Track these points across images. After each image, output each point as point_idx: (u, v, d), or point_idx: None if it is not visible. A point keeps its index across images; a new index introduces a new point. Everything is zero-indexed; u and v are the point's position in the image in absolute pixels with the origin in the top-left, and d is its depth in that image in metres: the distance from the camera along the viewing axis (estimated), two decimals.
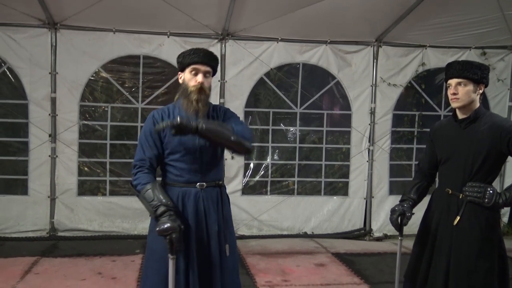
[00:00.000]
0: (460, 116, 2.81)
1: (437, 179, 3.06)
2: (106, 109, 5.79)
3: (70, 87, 5.58)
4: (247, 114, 6.02)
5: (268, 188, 6.15)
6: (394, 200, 3.11)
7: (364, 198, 6.29)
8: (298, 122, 6.19)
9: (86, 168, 5.82)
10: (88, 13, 5.16)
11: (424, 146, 3.18)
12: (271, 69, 5.99)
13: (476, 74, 2.71)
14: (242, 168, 5.97)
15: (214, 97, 5.72)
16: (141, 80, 5.80)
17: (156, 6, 5.09)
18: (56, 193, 5.66)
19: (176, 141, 2.56)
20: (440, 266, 2.77)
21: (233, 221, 2.86)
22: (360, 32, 5.93)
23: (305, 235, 6.13)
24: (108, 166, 5.82)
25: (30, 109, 5.53)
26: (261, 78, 5.99)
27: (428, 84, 6.33)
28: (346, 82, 6.13)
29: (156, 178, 2.60)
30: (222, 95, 5.82)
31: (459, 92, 2.73)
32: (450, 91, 2.79)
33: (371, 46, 6.11)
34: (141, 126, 5.71)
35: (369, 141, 6.23)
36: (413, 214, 2.97)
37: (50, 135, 5.57)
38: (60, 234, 5.66)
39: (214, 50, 5.64)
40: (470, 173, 2.72)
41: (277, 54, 5.96)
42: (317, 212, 6.22)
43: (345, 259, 5.24)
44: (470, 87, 2.72)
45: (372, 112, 6.18)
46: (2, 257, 4.88)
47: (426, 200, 3.07)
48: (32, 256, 4.95)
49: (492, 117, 2.77)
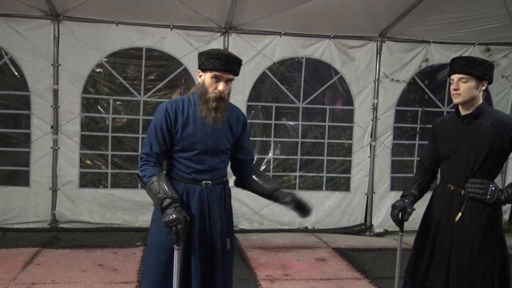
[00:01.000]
0: (463, 112, 2.79)
1: (439, 175, 3.06)
2: (109, 101, 5.78)
3: (72, 79, 5.57)
4: (249, 108, 6.01)
5: None
6: (396, 196, 3.11)
7: (366, 194, 6.29)
8: (300, 116, 6.17)
9: (87, 160, 5.83)
10: (91, 5, 5.15)
11: (427, 142, 3.17)
12: (274, 63, 5.97)
13: (478, 70, 2.69)
14: None
15: None
16: (143, 73, 5.79)
17: None
18: (57, 185, 5.67)
19: (188, 141, 2.56)
20: (441, 262, 2.77)
21: (234, 215, 2.88)
22: (364, 27, 5.91)
23: (306, 230, 6.14)
24: (109, 159, 5.82)
25: (32, 100, 5.53)
26: (264, 72, 5.97)
27: (431, 80, 6.32)
28: (349, 77, 6.11)
29: (162, 171, 2.59)
30: None
31: (460, 88, 2.72)
32: (452, 87, 2.78)
33: (375, 41, 6.09)
34: (143, 119, 5.76)
35: (371, 137, 6.22)
36: (414, 210, 2.97)
37: (52, 127, 5.57)
38: (61, 225, 5.68)
39: (216, 43, 5.69)
40: (472, 169, 2.72)
41: (280, 48, 5.94)
42: (318, 207, 6.21)
43: (346, 254, 5.24)
44: (472, 83, 2.70)
45: (375, 108, 6.17)
46: (4, 247, 4.90)
47: (427, 196, 3.07)
48: (34, 247, 4.96)
49: (495, 113, 2.76)
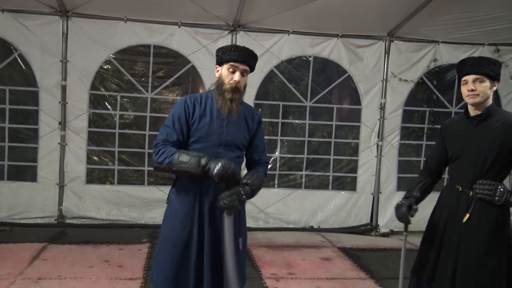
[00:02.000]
0: (472, 113, 2.77)
1: (447, 176, 3.04)
2: (116, 98, 5.80)
3: (80, 75, 5.60)
4: (256, 107, 6.00)
5: (276, 181, 6.15)
6: (402, 196, 3.10)
7: (372, 194, 6.27)
8: (307, 115, 6.16)
9: (94, 157, 5.86)
10: (100, 1, 5.18)
11: (434, 143, 3.16)
12: (282, 61, 5.96)
13: (493, 70, 2.67)
14: None
15: None
16: (151, 70, 5.80)
17: None
18: (64, 181, 5.69)
19: (204, 132, 2.56)
20: (448, 263, 2.76)
21: None
22: (372, 26, 5.88)
23: (311, 229, 6.13)
24: (116, 155, 5.84)
25: (40, 96, 5.56)
26: (272, 71, 5.97)
27: (440, 80, 6.28)
28: (357, 76, 6.09)
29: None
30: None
31: (477, 88, 2.67)
32: (467, 88, 2.72)
33: (383, 41, 6.06)
34: (150, 116, 5.77)
35: (378, 137, 6.19)
36: (417, 210, 2.95)
37: (60, 123, 5.60)
38: (68, 221, 5.71)
39: (224, 41, 5.69)
40: (481, 170, 2.70)
41: (288, 47, 5.93)
42: (324, 206, 6.21)
43: (351, 254, 5.23)
44: (487, 83, 2.68)
45: (382, 107, 6.14)
46: (11, 242, 4.94)
47: (435, 196, 3.05)
48: (40, 242, 4.99)
49: (505, 114, 2.73)
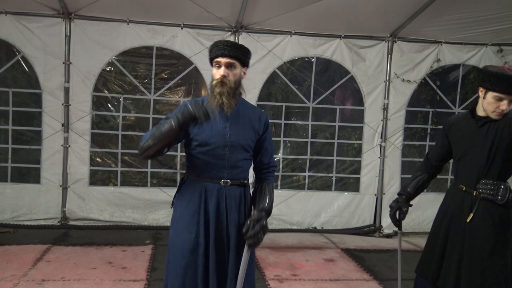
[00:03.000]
0: (480, 113, 2.76)
1: (451, 176, 3.05)
2: (119, 99, 5.81)
3: (83, 77, 5.60)
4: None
5: (279, 182, 6.15)
6: None
7: (375, 195, 6.26)
8: (310, 116, 6.15)
9: (98, 158, 5.86)
10: (102, 3, 5.18)
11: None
12: (284, 62, 5.96)
13: None
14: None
15: None
16: (153, 72, 5.81)
17: None
18: (68, 183, 5.70)
19: (206, 134, 2.52)
20: (453, 262, 2.76)
21: None
22: (375, 27, 5.88)
23: (314, 230, 6.12)
24: (119, 157, 5.85)
25: (43, 98, 5.57)
26: (274, 72, 5.96)
27: (443, 80, 6.26)
28: (360, 77, 6.08)
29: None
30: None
31: (510, 107, 2.62)
32: (499, 105, 2.62)
33: (386, 41, 6.06)
34: (153, 118, 5.78)
35: (381, 137, 6.18)
36: (411, 205, 3.06)
37: (63, 125, 5.61)
38: (71, 223, 5.72)
39: None
40: (485, 170, 2.70)
41: (291, 48, 5.93)
42: (327, 207, 6.20)
43: (355, 255, 5.22)
44: None
45: (385, 108, 6.13)
46: (14, 244, 4.95)
47: (440, 197, 3.06)
48: (44, 244, 5.00)
49: (509, 115, 2.72)
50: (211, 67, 2.60)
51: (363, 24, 5.78)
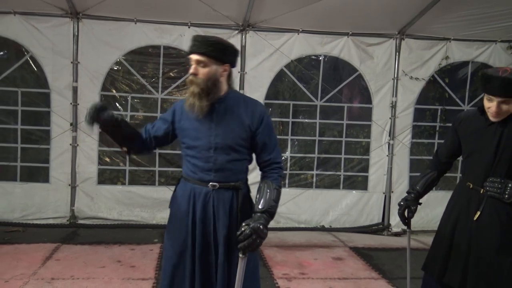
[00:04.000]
0: None
1: (460, 173, 3.03)
2: (127, 99, 5.82)
3: (91, 76, 5.63)
4: (267, 106, 5.98)
5: (287, 181, 6.13)
6: None
7: (383, 193, 6.23)
8: (318, 115, 6.13)
9: (106, 157, 5.88)
10: (110, 3, 5.19)
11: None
12: (292, 60, 5.94)
13: None
14: None
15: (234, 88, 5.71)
16: (161, 71, 5.81)
17: None
18: (76, 181, 5.73)
19: (192, 136, 2.47)
20: (459, 259, 2.75)
21: None
22: (383, 24, 5.84)
23: (322, 229, 6.11)
24: (127, 156, 5.86)
25: (52, 98, 5.60)
26: (281, 70, 5.95)
27: (452, 78, 6.21)
28: (368, 74, 6.05)
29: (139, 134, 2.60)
30: (241, 86, 5.80)
31: (503, 110, 2.60)
32: (491, 107, 2.62)
33: (394, 39, 6.02)
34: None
35: (389, 135, 6.15)
36: (420, 204, 3.04)
37: (71, 124, 5.64)
38: (80, 221, 5.75)
39: (234, 41, 5.69)
40: (492, 168, 2.68)
41: (298, 46, 5.90)
42: (336, 205, 6.18)
43: (363, 253, 5.20)
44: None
45: (393, 106, 6.10)
46: (24, 243, 4.98)
47: (448, 195, 3.05)
48: (53, 242, 5.03)
49: None
50: None
51: (370, 22, 5.74)
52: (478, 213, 2.70)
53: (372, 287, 4.28)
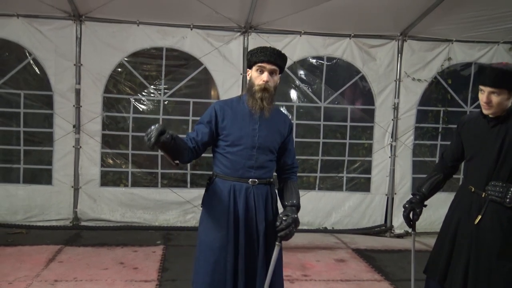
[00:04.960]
0: (491, 114, 2.73)
1: (462, 176, 3.01)
2: (129, 100, 5.83)
3: (94, 78, 5.64)
4: None
5: None
6: None
7: (386, 195, 6.22)
8: (322, 116, 6.11)
9: (109, 159, 5.89)
10: (113, 5, 5.21)
11: (449, 143, 3.14)
12: (294, 62, 5.94)
13: (510, 82, 2.59)
14: None
15: (236, 90, 5.73)
16: (163, 73, 5.82)
17: None
18: (79, 183, 5.74)
19: (236, 135, 2.63)
20: (460, 264, 2.73)
21: None
22: (385, 26, 5.84)
23: (325, 230, 6.10)
24: (130, 158, 5.87)
25: (55, 100, 5.61)
26: (284, 72, 5.93)
27: (454, 79, 6.20)
28: (370, 76, 6.05)
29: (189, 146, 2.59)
30: (244, 88, 5.81)
31: (493, 101, 2.62)
32: (482, 98, 2.67)
33: (396, 40, 6.02)
34: (163, 119, 5.81)
35: (392, 137, 6.14)
36: (425, 206, 3.02)
37: (74, 126, 5.65)
38: (83, 223, 5.76)
39: (236, 43, 5.72)
40: (494, 171, 2.66)
41: (300, 48, 5.91)
42: (338, 207, 6.18)
43: (366, 255, 5.19)
44: (504, 95, 2.60)
45: (396, 107, 6.09)
46: (27, 245, 4.99)
47: (451, 197, 3.03)
48: (56, 244, 5.03)
49: None
50: (249, 69, 2.70)
51: (373, 23, 5.75)
52: (479, 217, 2.68)
53: None
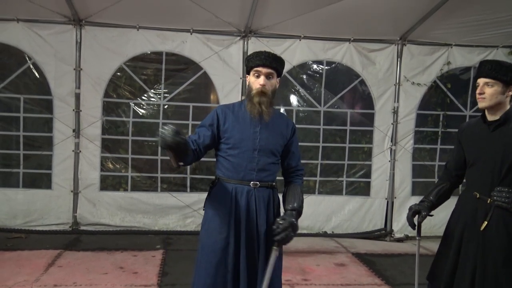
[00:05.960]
0: (490, 118, 2.73)
1: (464, 180, 3.00)
2: (129, 105, 5.83)
3: (94, 83, 5.64)
4: None
5: None
6: (417, 201, 3.10)
7: (386, 199, 6.22)
8: (322, 120, 6.12)
9: (108, 164, 5.89)
10: (113, 10, 5.22)
11: (448, 147, 3.14)
12: (294, 66, 5.95)
13: (506, 75, 2.62)
14: None
15: (236, 95, 5.74)
16: (163, 77, 5.83)
17: (179, 3, 5.13)
18: (79, 188, 5.73)
19: (237, 138, 2.66)
20: (466, 271, 2.70)
21: None
22: (384, 30, 5.86)
23: (325, 234, 6.10)
24: (130, 162, 5.87)
25: (54, 104, 5.62)
26: (284, 76, 5.95)
27: (454, 83, 6.21)
28: (370, 80, 6.06)
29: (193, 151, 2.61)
30: (244, 92, 5.81)
31: (486, 92, 2.67)
32: (477, 90, 2.74)
33: (395, 45, 6.03)
34: (163, 123, 5.80)
35: (391, 141, 6.15)
36: (432, 215, 2.96)
37: (74, 131, 5.65)
38: (82, 228, 5.75)
39: (236, 47, 5.73)
40: (499, 177, 2.64)
41: (300, 52, 5.93)
42: (338, 211, 6.17)
43: (366, 259, 5.19)
44: (499, 88, 2.65)
45: (395, 112, 6.10)
46: (26, 249, 4.98)
47: (451, 201, 3.01)
48: (56, 249, 5.03)
49: None
50: (248, 75, 2.74)
51: (372, 28, 5.76)
52: (485, 223, 2.65)
53: None
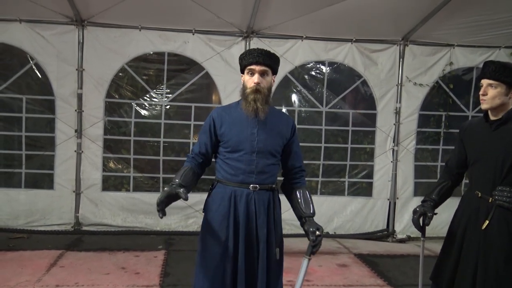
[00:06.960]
0: (492, 117, 2.74)
1: (466, 180, 2.99)
2: (131, 105, 5.83)
3: (96, 83, 5.65)
4: None
5: None
6: (419, 201, 3.10)
7: (388, 199, 6.21)
8: (324, 121, 6.11)
9: (110, 164, 5.89)
10: (115, 10, 5.22)
11: (451, 147, 3.14)
12: (296, 67, 5.95)
13: (509, 77, 2.62)
14: None
15: (238, 95, 5.70)
16: (165, 77, 5.83)
17: (181, 3, 5.13)
18: (81, 188, 5.74)
19: (235, 141, 2.62)
20: (468, 270, 2.71)
21: None
22: (386, 30, 5.85)
23: (327, 235, 6.08)
24: (132, 162, 5.87)
25: (56, 104, 5.62)
26: (286, 76, 5.95)
27: (456, 84, 6.19)
28: (372, 81, 6.05)
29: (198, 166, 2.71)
30: None
31: (488, 94, 2.67)
32: (480, 92, 2.73)
33: (397, 45, 6.02)
34: (165, 123, 5.80)
35: (393, 141, 6.14)
36: (436, 214, 2.95)
37: (76, 131, 5.65)
38: (84, 228, 5.75)
39: (238, 48, 5.72)
40: (500, 176, 2.65)
41: (302, 52, 5.92)
42: (340, 212, 6.16)
43: (368, 260, 5.18)
44: (502, 89, 2.65)
45: (397, 112, 6.09)
46: (29, 249, 4.98)
47: (455, 201, 3.01)
48: (58, 249, 5.03)
49: None
50: (242, 74, 2.70)
51: (374, 28, 5.75)
52: (487, 222, 2.66)
53: None
